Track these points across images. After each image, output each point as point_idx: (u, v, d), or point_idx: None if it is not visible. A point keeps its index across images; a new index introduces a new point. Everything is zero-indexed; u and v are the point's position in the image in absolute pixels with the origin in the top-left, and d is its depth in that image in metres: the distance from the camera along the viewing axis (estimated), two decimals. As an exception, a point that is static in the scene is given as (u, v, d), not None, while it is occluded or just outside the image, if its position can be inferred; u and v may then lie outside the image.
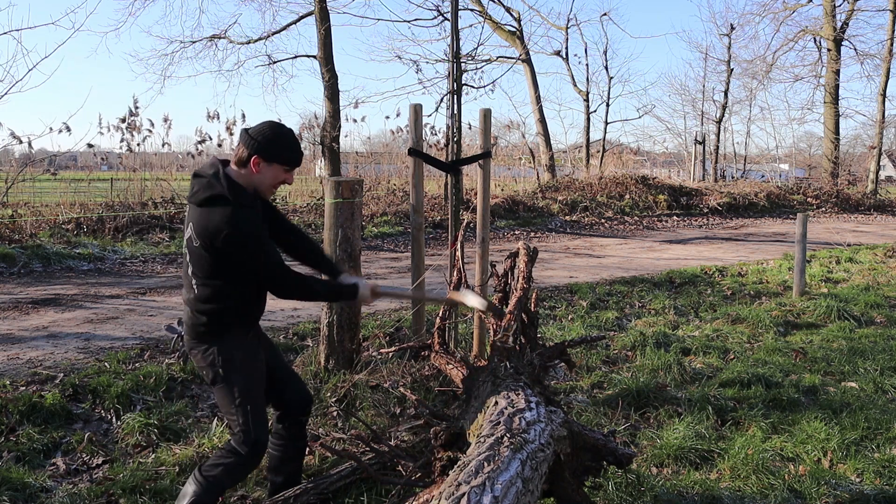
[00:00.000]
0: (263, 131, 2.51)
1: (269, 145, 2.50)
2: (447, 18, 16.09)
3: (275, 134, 2.52)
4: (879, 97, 22.45)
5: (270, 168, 2.52)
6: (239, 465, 2.62)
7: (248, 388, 2.61)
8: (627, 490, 3.06)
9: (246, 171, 2.52)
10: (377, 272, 8.74)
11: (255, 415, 2.60)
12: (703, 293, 7.54)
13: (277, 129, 2.54)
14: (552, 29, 23.47)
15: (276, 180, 2.57)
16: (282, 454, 2.92)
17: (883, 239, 12.90)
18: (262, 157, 2.49)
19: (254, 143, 2.49)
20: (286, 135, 2.55)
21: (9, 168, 13.47)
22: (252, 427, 2.59)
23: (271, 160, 2.51)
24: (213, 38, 17.16)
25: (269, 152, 2.50)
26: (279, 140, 2.52)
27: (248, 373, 2.62)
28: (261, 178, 2.53)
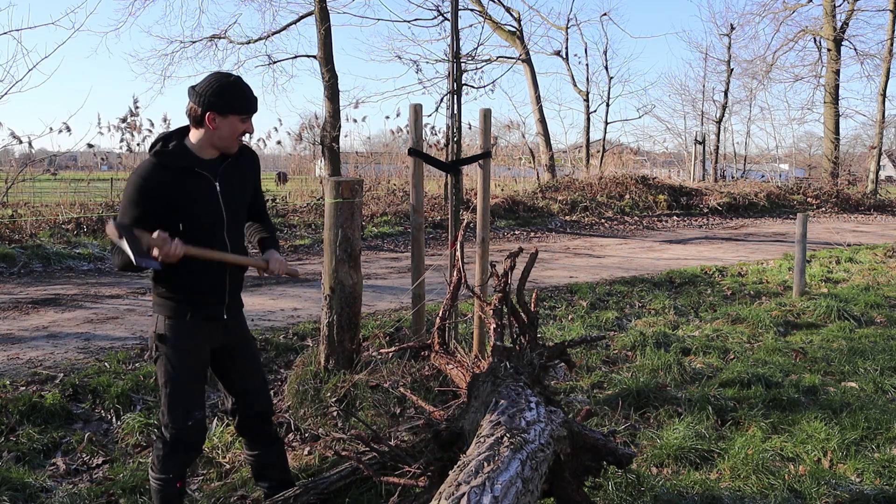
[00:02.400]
0: (210, 84, 2.43)
1: (220, 98, 2.42)
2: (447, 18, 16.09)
3: (222, 85, 2.43)
4: (879, 97, 22.45)
5: (227, 120, 2.45)
6: (168, 453, 2.58)
7: (172, 369, 2.55)
8: (627, 490, 3.06)
9: (203, 129, 2.47)
10: (377, 272, 8.74)
11: (174, 400, 2.54)
12: (703, 293, 7.54)
13: (223, 78, 2.47)
14: (552, 29, 23.50)
15: (235, 131, 2.49)
16: (259, 462, 2.88)
17: (883, 239, 12.90)
18: (215, 111, 2.43)
19: (203, 99, 2.42)
20: (235, 83, 2.46)
21: (9, 168, 13.47)
22: (167, 410, 2.55)
23: (226, 112, 2.44)
24: (213, 38, 17.17)
25: (221, 105, 2.43)
26: (229, 90, 2.44)
27: (177, 353, 2.55)
28: (219, 134, 2.47)
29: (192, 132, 2.53)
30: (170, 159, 2.47)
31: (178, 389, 2.56)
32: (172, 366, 2.55)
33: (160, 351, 2.56)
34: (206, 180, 2.52)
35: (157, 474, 2.62)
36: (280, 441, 2.97)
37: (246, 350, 2.80)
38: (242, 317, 2.81)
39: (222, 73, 2.51)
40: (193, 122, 2.49)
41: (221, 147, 2.53)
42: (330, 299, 4.03)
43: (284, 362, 4.92)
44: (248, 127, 2.52)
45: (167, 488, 2.62)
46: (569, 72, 22.58)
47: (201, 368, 2.64)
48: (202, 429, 2.65)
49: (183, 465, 2.68)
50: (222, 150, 2.54)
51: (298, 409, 3.92)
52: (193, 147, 2.52)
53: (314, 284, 7.67)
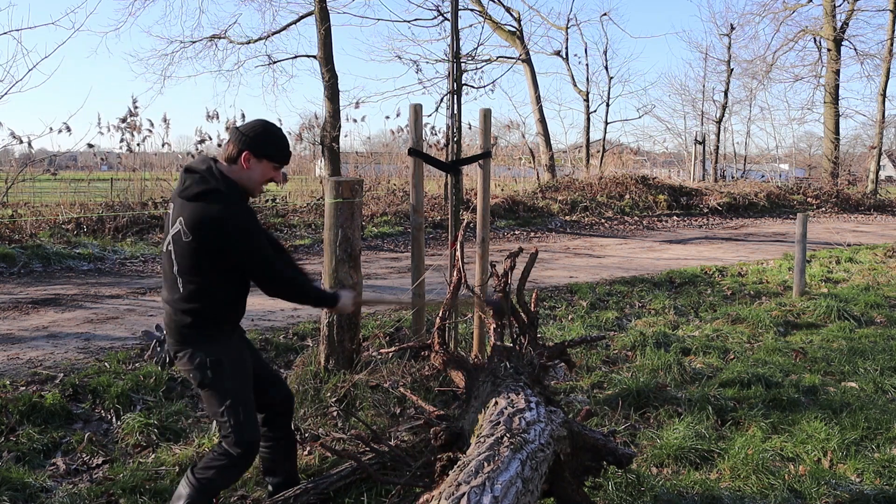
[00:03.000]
0: (254, 128, 2.55)
1: (259, 141, 2.53)
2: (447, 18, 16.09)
3: (265, 130, 2.56)
4: (879, 97, 22.45)
5: (260, 164, 2.55)
6: (232, 467, 2.61)
7: (237, 389, 2.59)
8: (627, 490, 3.06)
9: (236, 167, 2.54)
10: (377, 272, 8.74)
11: (246, 416, 2.59)
12: (703, 293, 7.54)
13: (267, 125, 2.59)
14: (552, 29, 23.50)
15: (264, 177, 2.58)
16: (273, 455, 2.92)
17: (883, 239, 12.90)
18: (252, 152, 2.52)
19: (244, 138, 2.52)
20: (275, 132, 2.59)
21: (9, 168, 13.46)
22: (245, 428, 2.58)
23: (261, 156, 2.53)
24: (213, 38, 17.18)
25: (258, 148, 2.52)
26: (268, 136, 2.56)
27: (237, 374, 2.61)
28: (249, 175, 2.55)
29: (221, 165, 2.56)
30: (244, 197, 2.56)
31: (248, 406, 2.63)
32: (235, 383, 2.60)
33: (218, 375, 2.56)
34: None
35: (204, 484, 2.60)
36: (295, 438, 3.01)
37: (256, 352, 2.94)
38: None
39: (267, 121, 2.62)
40: (227, 159, 2.55)
41: (248, 189, 2.59)
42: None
43: (284, 362, 4.92)
44: (277, 175, 2.63)
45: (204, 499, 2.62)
46: (569, 72, 22.61)
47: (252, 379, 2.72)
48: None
49: (234, 481, 2.78)
50: (248, 191, 2.60)
51: (298, 409, 3.92)
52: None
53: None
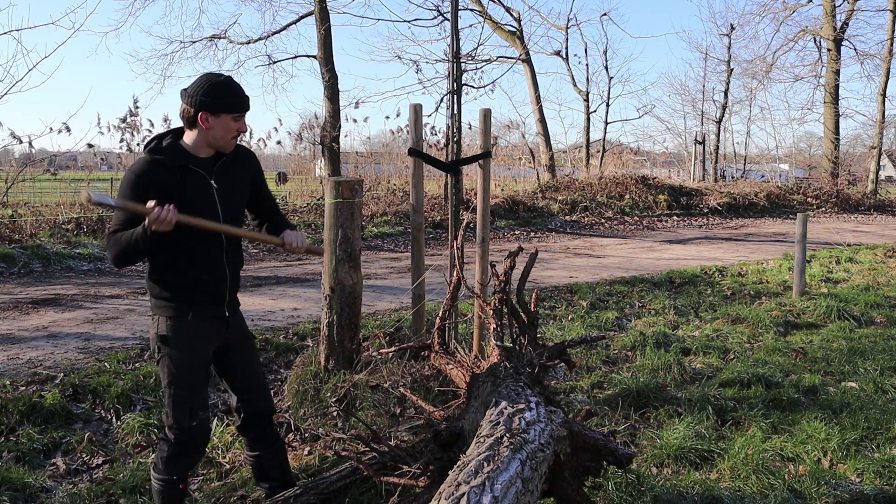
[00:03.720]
0: (201, 85, 2.46)
1: (211, 97, 2.45)
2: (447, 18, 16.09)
3: (212, 85, 2.46)
4: (879, 97, 22.45)
5: (219, 120, 2.48)
6: (172, 454, 2.58)
7: (175, 369, 2.54)
8: (627, 490, 3.06)
9: (197, 130, 2.49)
10: (377, 272, 8.74)
11: (179, 400, 2.54)
12: (703, 293, 7.54)
13: (214, 78, 2.49)
14: (552, 29, 23.48)
15: (229, 131, 2.51)
16: (260, 462, 2.88)
17: (883, 239, 12.89)
18: (207, 110, 2.45)
19: (194, 99, 2.45)
20: (225, 82, 2.49)
21: (9, 168, 13.46)
22: (171, 411, 2.54)
23: (217, 111, 2.46)
24: (213, 38, 17.17)
25: (212, 105, 2.45)
26: (220, 89, 2.46)
27: (180, 354, 2.54)
28: (213, 133, 2.49)
29: (186, 133, 2.55)
30: (165, 156, 2.48)
31: (182, 389, 2.55)
32: (176, 366, 2.54)
33: (162, 352, 2.55)
34: (201, 178, 2.53)
35: (160, 475, 2.61)
36: (281, 441, 2.97)
37: (247, 347, 2.81)
38: (241, 314, 2.82)
39: (213, 74, 2.53)
40: (187, 123, 2.51)
41: (217, 146, 2.54)
42: (330, 299, 4.03)
43: (284, 362, 4.92)
44: (241, 126, 2.54)
45: (170, 490, 2.61)
46: (569, 72, 22.60)
47: (204, 368, 2.64)
48: (206, 429, 2.64)
49: (187, 467, 2.68)
50: (218, 149, 2.56)
51: (298, 409, 3.92)
52: (188, 147, 2.54)
53: (314, 284, 7.67)
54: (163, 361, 2.56)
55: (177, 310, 2.55)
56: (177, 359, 2.54)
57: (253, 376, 2.81)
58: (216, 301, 2.63)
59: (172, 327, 2.55)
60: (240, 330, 2.78)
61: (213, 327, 2.64)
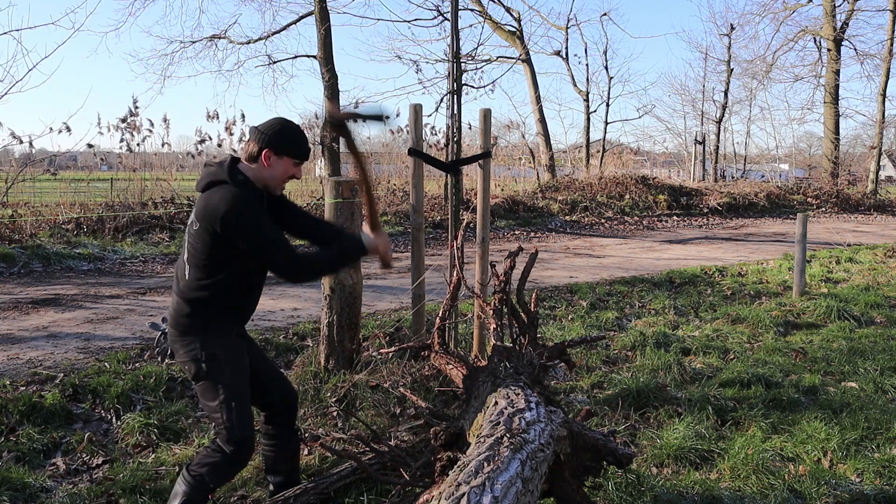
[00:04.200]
0: (273, 126, 2.58)
1: (279, 138, 2.56)
2: (447, 18, 16.09)
3: (284, 128, 2.59)
4: (879, 97, 22.45)
5: (280, 161, 2.58)
6: (225, 464, 2.60)
7: (232, 384, 2.58)
8: (627, 490, 3.06)
9: (257, 165, 2.58)
10: (377, 272, 8.74)
11: (240, 412, 2.57)
12: (703, 293, 7.54)
13: (287, 123, 2.62)
14: (552, 29, 23.50)
15: (285, 174, 2.62)
16: (276, 454, 2.92)
17: (883, 239, 12.90)
18: (272, 150, 2.55)
19: (264, 137, 2.56)
20: (295, 129, 2.62)
21: (9, 168, 13.45)
22: (236, 424, 2.56)
23: (281, 153, 2.57)
24: (213, 38, 17.18)
25: (278, 145, 2.56)
26: (289, 133, 2.59)
27: (232, 369, 2.60)
28: (271, 172, 2.59)
29: (242, 165, 2.60)
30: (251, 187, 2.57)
31: (243, 402, 2.62)
32: (231, 379, 2.60)
33: (213, 369, 2.56)
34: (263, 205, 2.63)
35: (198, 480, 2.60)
36: (298, 438, 3.00)
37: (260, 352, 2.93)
38: None
39: (286, 119, 2.65)
40: (248, 157, 2.59)
41: (269, 186, 2.63)
42: (330, 299, 4.03)
43: (284, 362, 4.92)
44: (297, 172, 2.66)
45: (200, 495, 2.62)
46: (569, 72, 22.60)
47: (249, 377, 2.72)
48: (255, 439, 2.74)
49: (229, 477, 2.78)
50: (268, 189, 2.64)
51: (298, 408, 3.92)
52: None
53: (314, 284, 7.66)
54: (215, 379, 2.57)
55: (223, 328, 2.63)
56: (231, 374, 2.61)
57: (273, 370, 2.92)
58: (246, 321, 2.77)
59: (223, 345, 2.61)
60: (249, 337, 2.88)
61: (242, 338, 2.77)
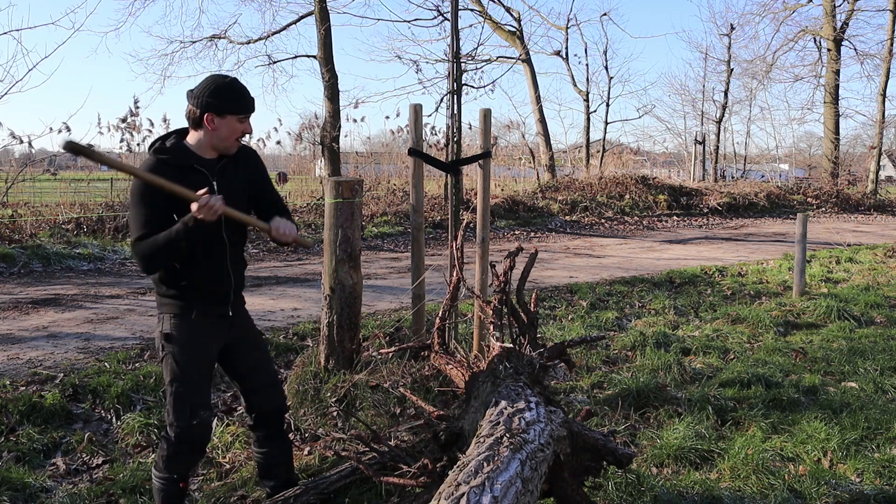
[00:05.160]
0: (208, 86, 2.47)
1: (217, 98, 2.46)
2: (447, 18, 16.09)
3: (218, 86, 2.47)
4: (879, 97, 22.45)
5: (224, 121, 2.48)
6: (173, 453, 2.58)
7: (179, 369, 2.54)
8: (627, 490, 3.06)
9: (202, 131, 2.50)
10: (377, 272, 8.74)
11: (180, 399, 2.53)
12: (703, 293, 7.54)
13: (220, 79, 2.50)
14: (552, 29, 23.50)
15: (234, 132, 2.52)
16: (266, 460, 2.88)
17: (883, 239, 12.89)
18: (213, 111, 2.46)
19: (200, 100, 2.46)
20: (231, 84, 2.50)
21: (9, 168, 13.45)
22: (172, 411, 2.53)
23: (223, 112, 2.47)
24: (213, 38, 17.19)
25: (218, 106, 2.46)
26: (226, 91, 2.47)
27: (183, 353, 2.54)
28: (218, 134, 2.50)
29: (190, 134, 2.56)
30: (169, 156, 2.49)
31: (185, 388, 2.55)
32: (178, 364, 2.54)
33: (166, 350, 2.56)
34: (203, 177, 2.52)
35: (161, 474, 2.61)
36: (289, 441, 2.99)
37: (254, 343, 2.81)
38: (246, 312, 2.82)
39: (219, 75, 2.54)
40: (192, 123, 2.52)
41: (221, 148, 2.55)
42: (330, 299, 4.03)
43: (284, 362, 4.92)
44: (246, 127, 2.55)
45: (170, 488, 2.61)
46: (569, 72, 22.61)
47: (208, 367, 2.64)
48: (207, 428, 2.64)
49: (188, 466, 2.68)
50: (221, 150, 2.56)
51: (298, 409, 3.92)
52: (193, 147, 2.55)
53: (314, 284, 7.67)
54: (166, 359, 2.56)
55: (181, 308, 2.56)
56: (179, 356, 2.54)
57: (263, 371, 2.81)
58: (220, 300, 2.63)
59: (176, 325, 2.55)
60: (246, 329, 2.78)
61: (217, 326, 2.64)
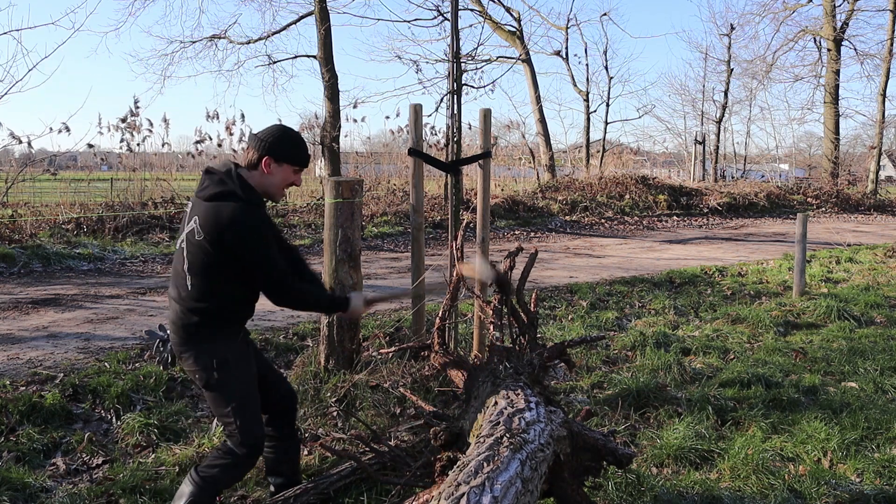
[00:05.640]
0: (273, 133, 2.57)
1: (279, 146, 2.55)
2: (447, 18, 16.09)
3: (284, 135, 2.58)
4: (879, 97, 22.45)
5: (280, 168, 2.57)
6: (237, 466, 2.63)
7: (242, 389, 2.61)
8: (627, 490, 3.06)
9: (256, 172, 2.57)
10: (377, 272, 8.74)
11: (252, 416, 2.62)
12: (703, 293, 7.54)
13: (286, 130, 2.61)
14: (552, 29, 23.52)
15: (286, 181, 2.61)
16: (277, 455, 2.92)
17: (883, 239, 12.89)
18: (272, 157, 2.54)
19: (263, 144, 2.54)
20: (295, 136, 2.62)
21: (9, 168, 13.46)
22: (249, 429, 2.60)
23: (281, 160, 2.56)
24: (213, 38, 17.20)
25: (278, 153, 2.55)
26: (288, 140, 2.58)
27: (242, 374, 2.63)
28: (271, 180, 2.57)
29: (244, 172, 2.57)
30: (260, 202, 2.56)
31: (253, 404, 2.64)
32: (242, 384, 2.62)
33: (224, 374, 2.57)
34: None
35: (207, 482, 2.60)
36: (298, 439, 3.02)
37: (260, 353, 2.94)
38: None
39: (287, 127, 2.64)
40: (248, 164, 2.57)
41: (269, 193, 2.62)
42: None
43: (284, 362, 4.92)
44: (297, 179, 2.66)
45: (207, 497, 2.62)
46: (569, 72, 22.61)
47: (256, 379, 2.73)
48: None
49: (238, 479, 2.80)
50: (269, 197, 2.64)
51: (298, 409, 3.92)
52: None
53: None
54: (225, 383, 2.58)
55: (231, 333, 2.64)
56: (242, 378, 2.62)
57: (272, 373, 2.92)
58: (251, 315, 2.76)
59: (231, 350, 2.61)
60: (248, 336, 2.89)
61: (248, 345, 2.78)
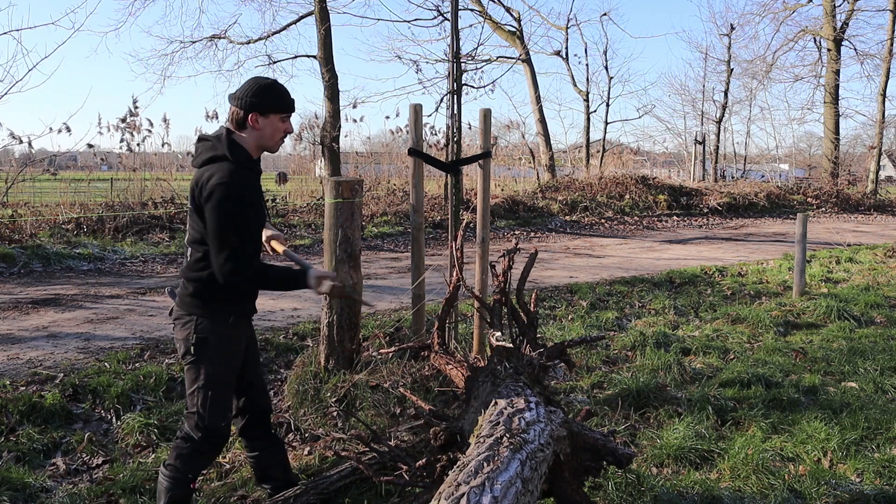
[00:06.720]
0: (250, 87, 2.51)
1: (261, 98, 2.50)
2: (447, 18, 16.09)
3: (261, 87, 2.52)
4: (879, 97, 22.44)
5: (268, 120, 2.53)
6: (195, 453, 2.58)
7: (214, 372, 2.55)
8: (627, 490, 3.06)
9: (247, 131, 2.53)
10: (377, 272, 8.74)
11: (214, 401, 2.54)
12: (703, 293, 7.54)
13: (261, 80, 2.55)
14: (552, 29, 23.52)
15: (277, 131, 2.56)
16: (261, 463, 2.89)
17: (883, 239, 12.89)
18: (257, 111, 2.49)
19: (244, 101, 2.50)
20: (272, 84, 2.55)
21: (9, 168, 13.46)
22: (207, 413, 2.54)
23: (267, 112, 2.51)
24: (213, 38, 17.18)
25: (262, 105, 2.50)
26: (269, 90, 2.52)
27: (220, 357, 2.56)
28: (262, 134, 2.53)
29: (237, 136, 2.55)
30: (251, 163, 2.53)
31: (220, 390, 2.58)
32: (214, 368, 2.55)
33: (199, 353, 2.53)
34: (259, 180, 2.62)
35: (174, 473, 2.61)
36: (281, 441, 2.98)
37: (255, 344, 2.86)
38: None
39: (259, 77, 2.59)
40: (236, 125, 2.54)
41: (266, 147, 2.59)
42: (330, 299, 4.02)
43: (284, 362, 4.92)
44: (287, 126, 2.60)
45: (181, 488, 2.62)
46: (569, 72, 22.60)
47: (237, 370, 2.68)
48: (229, 431, 2.69)
49: (205, 465, 2.74)
50: (267, 149, 2.61)
51: (298, 409, 3.92)
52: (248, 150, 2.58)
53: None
54: (199, 363, 2.54)
55: (221, 312, 2.56)
56: (217, 361, 2.56)
57: (257, 373, 2.86)
58: (252, 300, 2.70)
59: (213, 329, 2.54)
60: (252, 335, 2.83)
61: (245, 327, 2.69)
